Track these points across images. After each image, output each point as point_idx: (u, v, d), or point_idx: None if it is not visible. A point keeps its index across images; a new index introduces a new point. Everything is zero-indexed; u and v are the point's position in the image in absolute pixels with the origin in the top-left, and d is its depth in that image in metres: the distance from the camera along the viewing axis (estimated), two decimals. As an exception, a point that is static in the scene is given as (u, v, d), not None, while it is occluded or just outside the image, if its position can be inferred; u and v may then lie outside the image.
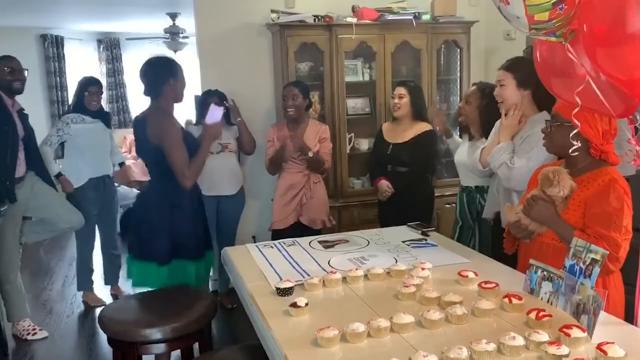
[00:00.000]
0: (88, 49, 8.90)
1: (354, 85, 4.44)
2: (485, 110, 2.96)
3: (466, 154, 3.09)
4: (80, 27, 8.42)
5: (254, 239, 4.22)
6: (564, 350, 1.44)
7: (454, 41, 4.52)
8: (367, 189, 4.49)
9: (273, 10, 4.19)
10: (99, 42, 8.94)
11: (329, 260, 2.33)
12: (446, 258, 2.32)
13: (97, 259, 4.50)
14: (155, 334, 2.24)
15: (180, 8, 6.69)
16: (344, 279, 2.07)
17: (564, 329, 1.54)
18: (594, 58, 1.67)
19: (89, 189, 4.11)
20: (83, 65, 8.69)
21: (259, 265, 2.33)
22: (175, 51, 7.79)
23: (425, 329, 1.65)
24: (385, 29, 4.27)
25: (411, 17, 4.25)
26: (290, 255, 2.45)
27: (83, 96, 4.13)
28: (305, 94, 3.74)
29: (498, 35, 4.73)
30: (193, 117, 4.92)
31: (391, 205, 3.63)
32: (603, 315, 1.62)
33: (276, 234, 3.70)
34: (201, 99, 4.05)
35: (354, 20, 4.20)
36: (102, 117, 4.26)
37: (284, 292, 1.96)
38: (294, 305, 1.80)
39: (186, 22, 6.92)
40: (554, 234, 2.04)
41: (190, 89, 4.10)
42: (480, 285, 1.90)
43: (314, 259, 2.38)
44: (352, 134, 4.47)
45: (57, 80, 8.24)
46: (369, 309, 1.84)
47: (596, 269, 1.66)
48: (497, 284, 1.88)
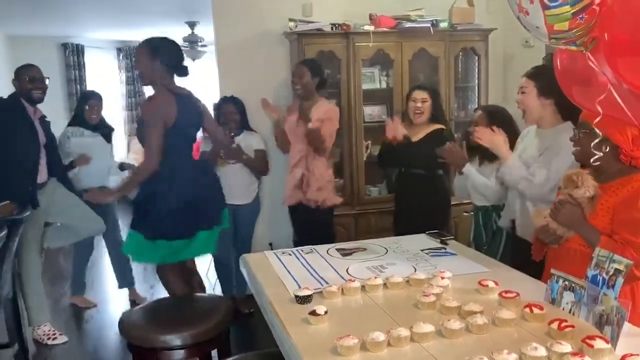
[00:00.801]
0: (108, 57, 9.05)
1: (371, 92, 4.45)
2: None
3: (478, 175, 3.04)
4: (100, 36, 8.56)
5: (271, 246, 4.23)
6: (587, 361, 1.43)
7: (471, 48, 4.51)
8: (384, 196, 4.49)
9: (291, 19, 4.22)
10: (119, 51, 9.08)
11: (348, 268, 2.33)
12: (466, 267, 2.30)
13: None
14: (174, 340, 2.26)
15: (199, 17, 6.77)
16: (363, 287, 2.06)
17: (587, 340, 1.52)
18: (616, 67, 1.67)
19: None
20: (103, 73, 8.85)
21: (277, 273, 2.34)
22: (193, 59, 7.87)
23: (445, 338, 1.64)
24: (403, 36, 4.28)
25: (429, 25, 4.25)
26: (308, 263, 2.45)
27: (83, 110, 4.21)
28: (315, 72, 3.69)
29: (516, 42, 4.71)
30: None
31: (407, 210, 3.60)
32: (627, 326, 1.60)
33: (291, 211, 3.91)
34: (217, 106, 4.09)
35: (371, 28, 4.21)
36: (104, 132, 4.33)
37: (302, 300, 1.96)
38: (313, 313, 1.80)
39: (205, 31, 6.99)
40: (581, 239, 2.02)
41: (209, 97, 4.18)
42: (500, 294, 1.89)
43: (332, 266, 2.38)
44: (369, 142, 4.47)
45: (78, 88, 8.38)
46: (389, 317, 1.83)
47: (620, 280, 1.64)
48: (518, 294, 1.86)
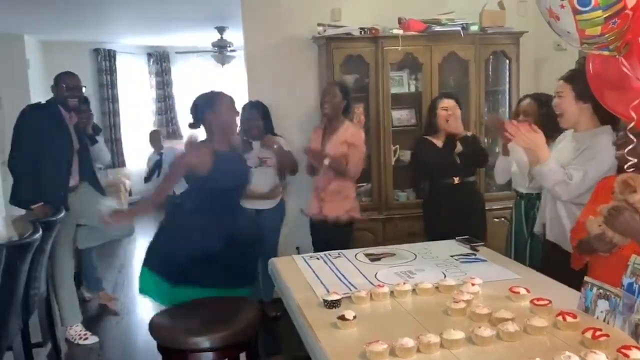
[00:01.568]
0: (139, 62, 9.21)
1: (400, 96, 4.43)
2: (545, 120, 2.89)
3: (523, 154, 3.00)
4: (131, 42, 8.72)
5: (298, 250, 4.24)
6: (623, 372, 1.40)
7: (502, 52, 4.46)
8: (412, 201, 4.46)
9: (319, 24, 4.24)
10: (149, 56, 9.23)
11: (376, 274, 2.32)
12: (496, 273, 2.27)
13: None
14: (204, 342, 2.28)
15: (228, 22, 6.84)
16: (392, 293, 2.06)
17: (622, 350, 1.48)
18: (652, 71, 1.63)
19: None
20: (133, 78, 9.01)
21: (305, 277, 2.35)
22: (222, 64, 7.96)
23: (476, 345, 1.63)
24: (432, 40, 4.25)
25: (459, 29, 4.22)
26: (336, 268, 2.45)
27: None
28: (345, 95, 3.73)
29: (548, 45, 4.64)
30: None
31: (439, 220, 3.56)
32: (664, 336, 1.56)
33: (312, 224, 3.93)
34: (242, 111, 4.11)
35: (400, 32, 4.19)
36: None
37: (331, 305, 1.96)
38: (342, 317, 1.80)
39: (234, 36, 7.07)
40: (636, 246, 1.95)
41: (238, 101, 4.21)
42: (532, 302, 1.86)
43: (360, 271, 2.38)
44: (397, 146, 4.45)
45: (109, 92, 8.56)
46: (418, 324, 1.82)
47: (656, 289, 1.60)
48: (550, 301, 1.83)
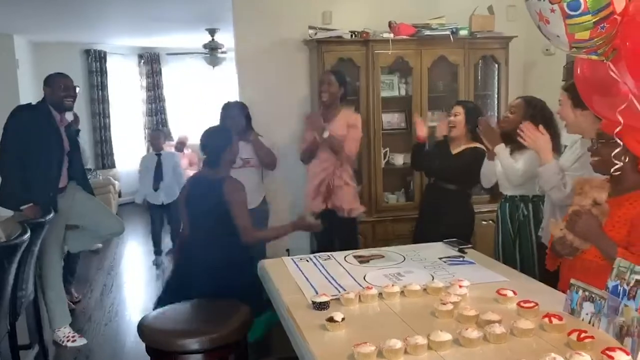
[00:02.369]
0: (129, 63, 9.17)
1: (390, 100, 4.46)
2: (529, 121, 2.92)
3: (509, 157, 3.03)
4: (122, 43, 8.69)
5: (288, 252, 4.24)
6: (607, 373, 1.41)
7: (492, 56, 4.49)
8: (402, 203, 4.49)
9: (310, 27, 4.26)
10: (140, 57, 9.20)
11: (365, 276, 2.34)
12: (484, 276, 2.29)
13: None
14: (193, 344, 2.28)
15: (219, 24, 6.84)
16: (380, 294, 2.07)
17: (607, 352, 1.50)
18: (637, 76, 1.65)
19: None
20: (124, 79, 8.97)
21: (295, 279, 2.35)
22: (213, 66, 7.95)
23: (463, 347, 1.64)
24: (422, 44, 4.28)
25: (448, 33, 4.25)
26: (325, 270, 2.46)
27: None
28: (342, 82, 3.78)
29: (537, 50, 4.68)
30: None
31: (431, 222, 3.54)
32: (647, 338, 1.58)
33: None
34: (221, 111, 4.11)
35: (390, 35, 4.22)
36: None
37: (320, 307, 1.97)
38: (330, 319, 1.81)
39: (225, 38, 7.07)
40: (597, 250, 2.00)
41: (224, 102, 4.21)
42: (519, 304, 1.88)
43: (349, 273, 2.39)
44: (387, 149, 4.48)
45: (100, 93, 8.51)
46: (406, 325, 1.83)
47: (641, 291, 1.62)
48: (537, 304, 1.85)
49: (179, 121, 9.47)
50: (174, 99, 9.51)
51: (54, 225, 3.63)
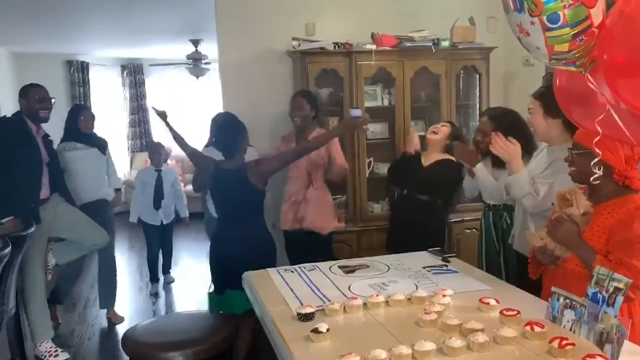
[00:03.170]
0: (112, 74, 9.13)
1: (373, 110, 4.48)
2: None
3: (489, 176, 3.07)
4: (105, 53, 8.66)
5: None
6: (588, 380, 1.43)
7: (473, 67, 4.55)
8: (387, 213, 4.50)
9: (294, 38, 4.28)
10: (123, 68, 9.17)
11: (350, 286, 2.34)
12: (467, 285, 2.31)
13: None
14: (176, 357, 2.28)
15: (202, 35, 6.85)
16: (365, 304, 2.08)
17: (587, 358, 1.53)
18: (615, 87, 1.69)
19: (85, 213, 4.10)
20: (107, 90, 8.92)
21: (280, 290, 2.35)
22: (197, 77, 7.94)
23: (447, 356, 1.65)
24: (404, 55, 4.32)
25: (430, 44, 4.30)
26: (310, 280, 2.46)
27: (75, 123, 4.23)
28: (313, 103, 3.82)
29: (517, 61, 4.75)
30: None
31: (402, 232, 3.59)
32: (627, 344, 1.61)
33: (287, 236, 3.86)
34: (211, 123, 4.11)
35: (373, 47, 4.26)
36: (97, 144, 4.36)
37: (305, 318, 1.97)
38: (315, 330, 1.81)
39: (208, 49, 7.07)
40: (578, 259, 2.03)
41: (213, 114, 4.21)
42: (501, 312, 1.90)
43: (334, 284, 2.40)
44: (371, 159, 4.51)
45: (82, 104, 8.43)
46: (390, 335, 1.84)
47: (619, 298, 1.65)
48: (519, 312, 1.87)
49: (163, 132, 9.41)
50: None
51: (36, 238, 3.59)
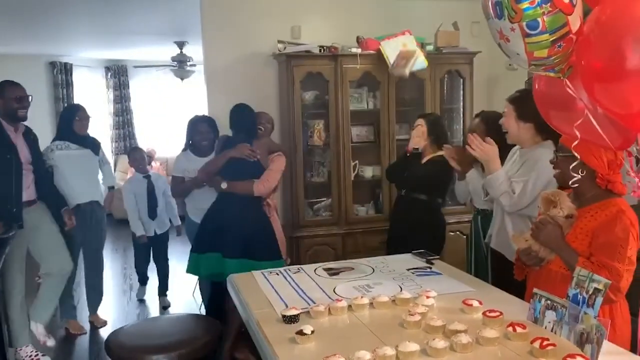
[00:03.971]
0: (96, 75, 9.06)
1: (359, 113, 4.51)
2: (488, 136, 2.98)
3: (480, 181, 3.10)
4: (88, 55, 8.59)
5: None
6: (567, 379, 1.46)
7: (457, 71, 4.60)
8: (372, 215, 4.53)
9: (280, 41, 4.29)
10: (107, 69, 9.10)
11: (335, 288, 2.35)
12: (451, 286, 2.34)
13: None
14: (161, 360, 2.26)
15: (187, 37, 6.83)
16: (350, 306, 2.09)
17: (568, 359, 1.55)
18: (592, 93, 1.73)
19: (77, 214, 4.07)
20: (91, 92, 8.85)
21: (264, 293, 2.36)
22: (182, 79, 7.91)
23: (430, 357, 1.67)
24: (389, 59, 4.35)
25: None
26: (295, 283, 2.47)
27: (70, 123, 4.13)
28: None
29: (500, 65, 4.81)
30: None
31: (401, 234, 3.58)
32: (607, 344, 1.64)
33: None
34: (189, 125, 4.10)
35: (358, 50, 4.29)
36: (90, 145, 4.25)
37: (290, 320, 1.98)
38: (300, 332, 1.82)
39: (193, 51, 7.04)
40: (561, 261, 2.06)
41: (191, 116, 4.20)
42: (484, 314, 1.92)
43: (319, 286, 2.41)
44: (357, 162, 4.53)
45: (65, 106, 8.36)
46: (375, 337, 1.86)
47: (599, 299, 1.68)
48: (502, 313, 1.90)
49: (147, 134, 9.38)
50: (141, 111, 9.43)
51: (17, 242, 3.54)
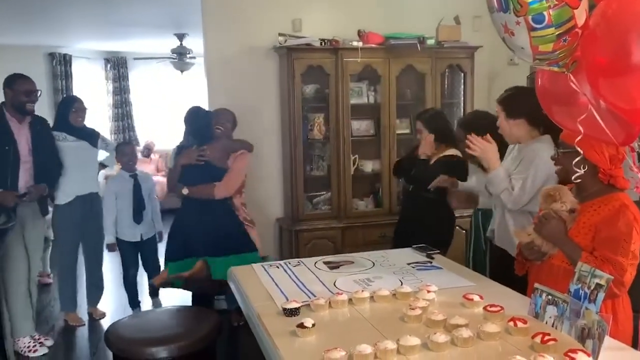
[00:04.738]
0: (95, 67, 9.03)
1: (359, 107, 4.50)
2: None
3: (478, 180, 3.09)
4: (88, 46, 8.55)
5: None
6: (569, 374, 1.46)
7: (458, 65, 4.58)
8: (371, 210, 4.53)
9: (281, 34, 4.27)
10: (106, 61, 9.07)
11: (335, 282, 2.35)
12: (451, 281, 2.34)
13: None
14: (161, 352, 2.27)
15: (187, 29, 6.80)
16: (350, 300, 2.09)
17: (569, 354, 1.55)
18: (597, 88, 1.72)
19: (76, 206, 4.06)
20: (90, 84, 8.82)
21: (265, 286, 2.35)
22: (182, 71, 7.89)
23: (431, 351, 1.67)
24: (390, 53, 4.34)
25: (416, 42, 4.32)
26: (296, 276, 2.47)
27: (66, 114, 4.07)
28: (235, 122, 3.96)
29: (501, 60, 4.80)
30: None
31: (409, 229, 3.54)
32: (608, 340, 1.64)
33: None
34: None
35: (359, 44, 4.27)
36: (88, 137, 4.19)
37: (290, 313, 1.98)
38: (300, 325, 1.82)
39: (193, 43, 7.02)
40: (564, 256, 2.06)
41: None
42: (485, 308, 1.92)
43: (319, 279, 2.40)
44: (357, 156, 4.52)
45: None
46: (375, 330, 1.85)
47: (601, 294, 1.68)
48: (502, 308, 1.90)
49: (146, 126, 9.36)
50: (141, 103, 9.41)
51: (17, 232, 3.55)
